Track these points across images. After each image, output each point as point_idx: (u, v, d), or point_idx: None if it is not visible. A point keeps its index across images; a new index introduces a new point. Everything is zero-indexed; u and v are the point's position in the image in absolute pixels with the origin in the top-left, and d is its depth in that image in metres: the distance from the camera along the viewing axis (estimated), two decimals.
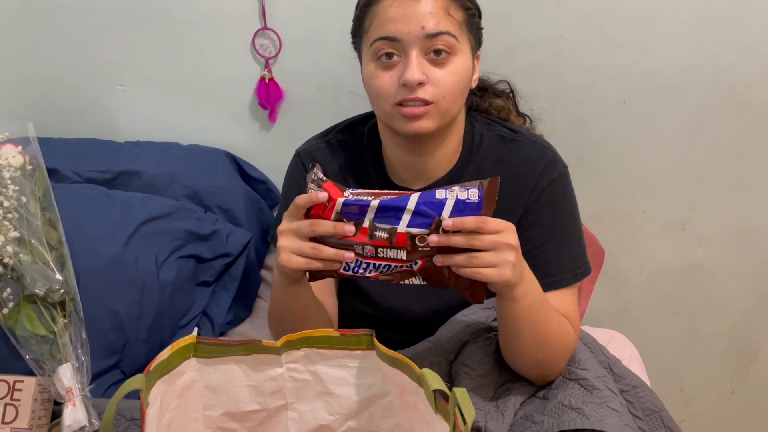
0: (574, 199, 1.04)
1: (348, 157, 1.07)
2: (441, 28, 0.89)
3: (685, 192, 1.45)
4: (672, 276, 1.54)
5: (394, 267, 0.84)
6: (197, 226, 1.30)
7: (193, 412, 0.74)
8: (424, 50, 0.90)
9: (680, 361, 1.63)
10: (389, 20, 0.90)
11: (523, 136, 1.04)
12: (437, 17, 0.89)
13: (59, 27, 1.44)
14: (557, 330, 0.95)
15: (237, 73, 1.43)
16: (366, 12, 0.94)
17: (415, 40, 0.90)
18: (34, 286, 0.99)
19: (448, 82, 0.91)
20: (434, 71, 0.91)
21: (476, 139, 1.04)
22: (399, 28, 0.90)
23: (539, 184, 1.00)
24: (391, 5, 0.90)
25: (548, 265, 0.99)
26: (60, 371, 0.96)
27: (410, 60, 0.90)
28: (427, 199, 0.81)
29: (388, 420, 0.79)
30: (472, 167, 1.03)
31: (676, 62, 1.33)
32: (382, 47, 0.91)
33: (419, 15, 0.89)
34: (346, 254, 0.82)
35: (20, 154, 1.09)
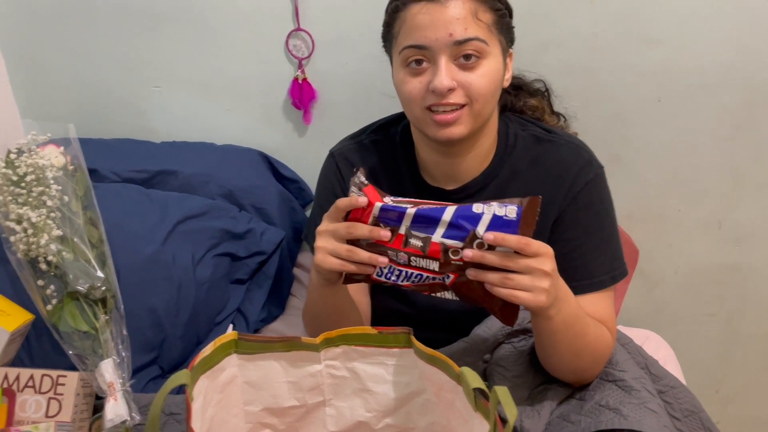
0: (611, 200, 1.03)
1: (381, 158, 1.07)
2: (469, 34, 0.89)
3: (722, 190, 1.43)
4: (708, 276, 1.52)
5: (426, 278, 0.83)
6: (232, 225, 1.31)
7: (234, 407, 0.75)
8: (452, 56, 0.90)
9: (716, 363, 1.61)
10: (417, 27, 0.90)
11: (558, 136, 1.03)
12: (465, 23, 0.89)
13: (97, 31, 1.47)
14: (594, 339, 0.94)
15: (270, 74, 1.44)
16: (395, 18, 0.94)
17: (443, 47, 0.89)
18: (77, 283, 1.01)
19: (480, 85, 0.91)
20: (464, 75, 0.91)
21: (510, 140, 1.03)
22: (427, 35, 0.89)
23: (575, 186, 0.99)
24: (419, 12, 0.90)
25: (585, 267, 0.99)
26: (102, 366, 0.98)
27: (439, 67, 0.90)
28: (464, 212, 0.80)
29: (425, 417, 0.79)
30: (506, 168, 1.02)
31: (713, 59, 1.31)
32: (411, 54, 0.91)
33: (447, 21, 0.88)
34: (380, 259, 0.83)
35: (62, 154, 1.12)
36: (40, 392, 0.97)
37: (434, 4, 0.89)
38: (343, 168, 1.08)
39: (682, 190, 1.44)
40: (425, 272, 0.82)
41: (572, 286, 0.97)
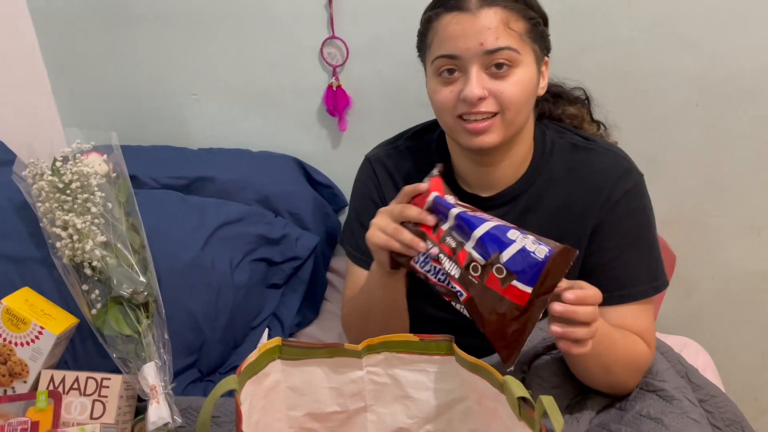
0: (651, 209, 1.01)
1: (417, 164, 1.07)
2: (500, 43, 0.88)
3: (762, 196, 1.40)
4: (747, 283, 1.49)
5: (447, 281, 0.84)
6: (268, 231, 1.33)
7: (277, 412, 0.76)
8: (484, 65, 0.90)
9: (755, 370, 1.58)
10: (449, 38, 0.90)
11: (597, 144, 1.01)
12: (496, 32, 0.88)
13: (136, 40, 1.50)
14: (625, 354, 0.94)
15: (305, 82, 1.46)
16: (428, 28, 0.95)
17: (474, 56, 0.89)
18: (120, 288, 1.03)
19: (511, 93, 0.90)
20: (495, 84, 0.90)
21: (547, 147, 1.02)
22: (458, 45, 0.89)
23: (614, 195, 0.97)
24: (450, 22, 0.90)
25: (625, 277, 0.98)
26: (145, 369, 0.99)
27: (470, 76, 0.90)
28: (497, 232, 0.80)
29: (466, 425, 0.79)
30: (542, 176, 1.01)
31: (751, 64, 1.29)
32: (443, 64, 0.92)
33: (478, 31, 0.88)
34: (420, 243, 0.86)
35: (105, 162, 1.14)
36: (85, 394, 0.99)
37: (465, 14, 0.89)
38: (380, 173, 1.09)
39: (720, 195, 1.42)
40: (447, 276, 0.84)
41: (611, 296, 0.97)
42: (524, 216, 1.01)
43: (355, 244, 1.10)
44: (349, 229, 1.13)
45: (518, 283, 0.76)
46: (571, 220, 0.99)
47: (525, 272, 0.76)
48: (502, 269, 0.77)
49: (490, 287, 0.79)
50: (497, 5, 0.89)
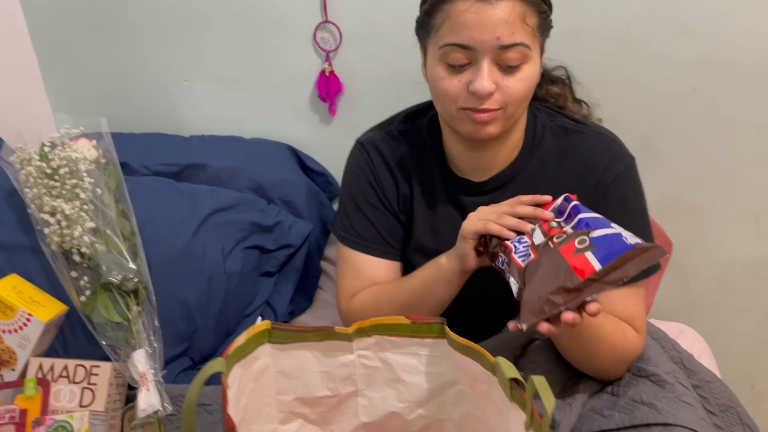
0: (642, 193, 1.00)
1: (410, 149, 1.07)
2: (516, 39, 0.86)
3: (759, 183, 1.39)
4: (744, 270, 1.48)
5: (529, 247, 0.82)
6: (261, 218, 1.32)
7: (267, 397, 0.75)
8: (495, 59, 0.87)
9: (751, 358, 1.57)
10: (463, 26, 0.86)
11: (588, 127, 1.01)
12: (513, 27, 0.85)
13: (127, 26, 1.48)
14: (611, 344, 0.93)
15: (299, 67, 1.44)
16: (437, 9, 0.90)
17: (489, 49, 0.86)
18: (110, 275, 1.02)
19: (518, 89, 0.89)
20: (504, 79, 0.88)
21: (538, 131, 1.01)
22: (473, 36, 0.86)
23: (605, 179, 0.97)
24: (467, 10, 0.86)
25: None
26: (134, 357, 0.98)
27: (482, 69, 0.87)
28: (602, 219, 0.80)
29: (459, 408, 0.78)
30: (534, 160, 1.01)
31: (749, 48, 1.28)
32: (453, 52, 0.88)
33: (495, 23, 0.85)
34: (527, 226, 0.84)
35: (94, 147, 1.13)
36: (74, 382, 0.98)
37: (483, 3, 0.85)
38: (374, 157, 1.07)
39: (717, 182, 1.41)
40: (530, 239, 0.82)
41: None
42: None
43: (351, 228, 1.08)
44: (344, 214, 1.10)
45: (592, 257, 0.74)
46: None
47: (604, 249, 0.74)
48: (586, 240, 0.77)
49: (561, 253, 0.77)
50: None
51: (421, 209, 1.06)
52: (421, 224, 1.06)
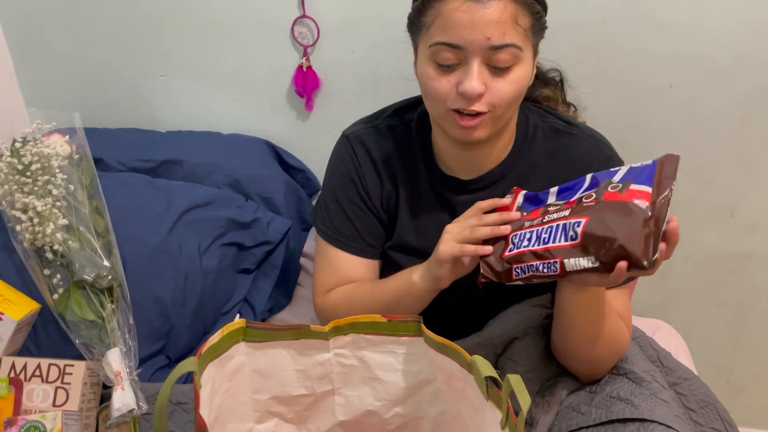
0: None
1: (396, 144, 1.05)
2: (506, 40, 0.84)
3: (734, 178, 1.41)
4: (719, 265, 1.50)
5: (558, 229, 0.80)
6: (238, 215, 1.31)
7: (242, 396, 0.74)
8: (485, 59, 0.85)
9: (727, 352, 1.60)
10: (453, 25, 0.84)
11: (579, 129, 1.00)
12: (504, 27, 0.83)
13: (102, 18, 1.46)
14: (611, 329, 0.93)
15: (276, 62, 1.43)
16: (428, 6, 0.87)
17: (479, 49, 0.84)
18: (83, 272, 1.01)
19: (507, 91, 0.87)
20: (494, 81, 0.86)
21: (530, 131, 1.00)
22: (463, 35, 0.84)
23: None
24: (458, 8, 0.84)
25: None
26: (109, 355, 0.97)
27: (471, 70, 0.85)
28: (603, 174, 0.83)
29: (435, 406, 0.78)
30: (525, 160, 1.00)
31: (725, 44, 1.29)
32: (443, 51, 0.86)
33: (486, 23, 0.83)
34: (502, 228, 0.85)
35: (67, 143, 1.11)
36: (48, 381, 0.97)
37: (475, 2, 0.83)
38: (359, 151, 1.05)
39: (693, 177, 1.42)
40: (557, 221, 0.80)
41: None
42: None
43: (330, 223, 1.07)
44: (324, 207, 1.09)
45: (637, 186, 0.76)
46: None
47: (640, 176, 0.78)
48: (617, 184, 0.78)
49: (610, 200, 0.77)
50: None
51: (405, 206, 1.05)
52: (406, 222, 1.05)
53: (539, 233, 0.82)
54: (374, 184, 1.05)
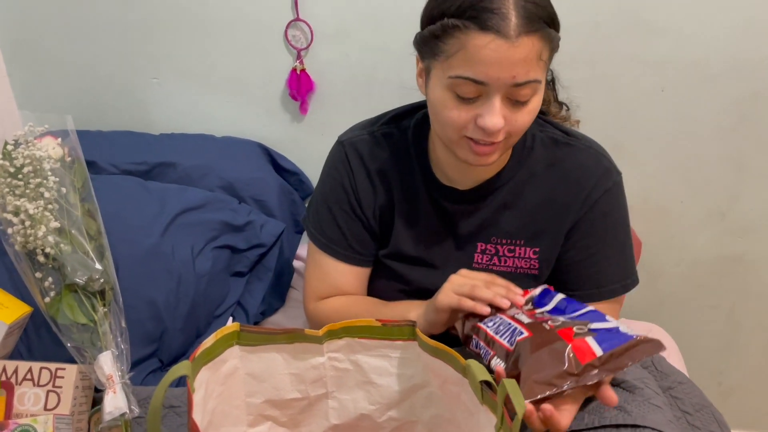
0: (626, 208, 1.01)
1: (393, 153, 1.03)
2: (530, 77, 0.81)
3: (726, 181, 1.42)
4: (711, 267, 1.51)
5: (511, 329, 0.80)
6: (232, 217, 1.30)
7: (235, 399, 0.74)
8: (507, 94, 0.83)
9: (719, 354, 1.60)
10: (480, 61, 0.80)
11: (577, 140, 1.00)
12: (529, 65, 0.81)
13: (96, 22, 1.45)
14: None
15: (270, 65, 1.43)
16: (450, 35, 0.82)
17: (503, 86, 0.82)
18: (75, 276, 1.00)
19: (524, 121, 0.86)
20: (513, 113, 0.85)
21: (528, 141, 1.00)
22: (489, 73, 0.80)
23: (594, 193, 0.97)
24: (485, 46, 0.79)
25: (598, 275, 0.98)
26: (100, 359, 0.97)
27: (493, 106, 0.83)
28: (600, 314, 0.81)
29: (429, 410, 0.78)
30: (523, 170, 0.99)
31: (717, 48, 1.30)
32: (464, 85, 0.83)
33: (514, 62, 0.80)
34: (503, 301, 0.83)
35: (59, 146, 1.11)
36: (39, 385, 0.96)
37: (504, 41, 0.78)
38: (353, 159, 1.04)
39: (685, 181, 1.43)
40: (517, 322, 0.81)
41: (583, 294, 0.98)
42: (503, 210, 1.00)
43: (320, 228, 1.07)
44: (315, 211, 1.08)
45: (593, 342, 0.74)
46: (550, 216, 0.99)
47: (605, 337, 0.74)
48: (584, 328, 0.76)
49: (558, 334, 0.76)
50: (536, 32, 0.80)
51: (401, 215, 1.04)
52: (402, 230, 1.04)
53: (502, 322, 0.82)
54: (366, 193, 1.04)
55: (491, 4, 0.79)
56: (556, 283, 1.02)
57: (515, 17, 0.78)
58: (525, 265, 1.01)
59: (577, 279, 0.99)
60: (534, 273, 1.01)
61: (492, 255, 1.01)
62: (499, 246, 1.01)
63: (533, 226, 0.99)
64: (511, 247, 1.01)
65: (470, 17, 0.80)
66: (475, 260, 1.02)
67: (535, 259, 1.00)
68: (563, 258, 1.00)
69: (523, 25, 0.78)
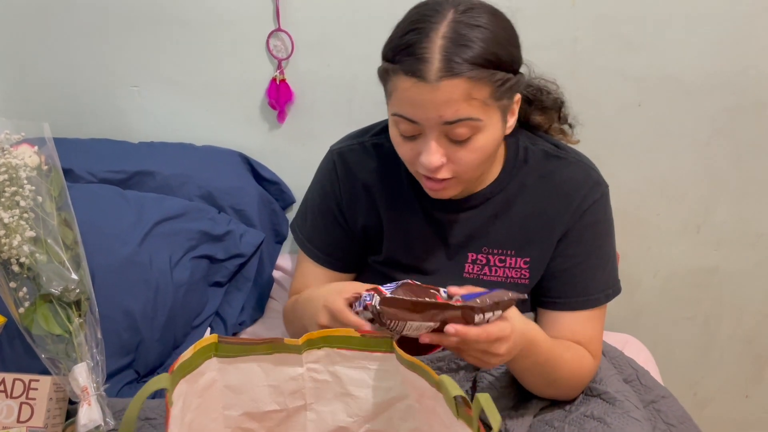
0: (612, 219, 1.04)
1: (382, 163, 1.04)
2: (460, 115, 0.82)
3: (701, 195, 1.44)
4: (687, 279, 1.53)
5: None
6: (211, 227, 1.30)
7: (213, 412, 0.74)
8: (443, 133, 0.85)
9: (694, 365, 1.62)
10: (406, 102, 0.84)
11: (567, 153, 1.02)
12: (456, 105, 0.81)
13: (74, 28, 1.44)
14: (568, 371, 0.95)
15: (250, 75, 1.43)
16: (386, 78, 0.87)
17: (434, 126, 0.84)
18: (50, 286, 0.98)
19: (470, 160, 0.87)
20: (455, 150, 0.86)
21: (520, 153, 1.01)
22: (416, 113, 0.84)
23: (583, 205, 0.99)
24: (409, 89, 0.82)
25: (583, 284, 1.00)
26: (75, 370, 0.95)
27: (428, 145, 0.85)
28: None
29: (407, 423, 0.78)
30: (514, 181, 1.01)
31: (693, 64, 1.32)
32: (401, 123, 0.86)
33: (437, 104, 0.81)
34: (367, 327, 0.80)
35: (36, 154, 1.09)
36: (12, 397, 0.95)
37: (422, 83, 0.81)
38: (340, 168, 1.06)
39: (661, 194, 1.45)
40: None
41: (567, 303, 1.00)
42: (494, 220, 1.01)
43: (305, 231, 1.11)
44: (302, 214, 1.12)
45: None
46: (540, 227, 1.00)
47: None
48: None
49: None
50: (460, 76, 0.80)
51: (392, 224, 1.05)
52: (394, 238, 1.05)
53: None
54: (352, 202, 1.06)
55: (417, 49, 0.81)
56: (540, 291, 1.03)
57: (438, 61, 0.80)
58: (515, 275, 1.02)
59: (560, 287, 1.00)
60: (524, 282, 1.02)
61: (483, 265, 1.03)
62: (490, 256, 1.02)
63: (523, 237, 1.01)
64: (501, 257, 1.02)
65: (398, 61, 0.83)
66: (466, 270, 1.03)
67: (526, 268, 1.02)
68: (550, 266, 1.01)
69: (445, 69, 0.80)
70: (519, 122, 1.03)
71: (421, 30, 0.82)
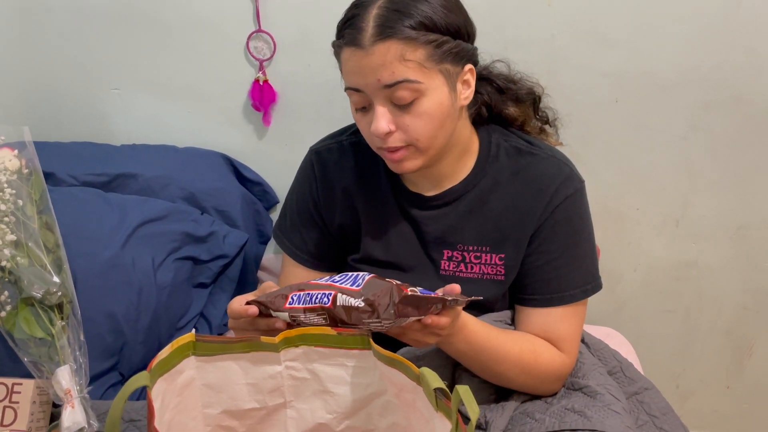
0: (589, 215, 1.03)
1: (359, 161, 1.06)
2: (397, 77, 0.86)
3: (679, 189, 1.46)
4: (666, 273, 1.55)
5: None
6: (194, 228, 1.30)
7: (192, 411, 0.74)
8: (387, 98, 0.88)
9: (675, 358, 1.64)
10: (349, 72, 0.90)
11: (540, 149, 1.02)
12: (391, 67, 0.85)
13: (54, 30, 1.44)
14: (516, 366, 0.96)
15: (232, 76, 1.43)
16: (336, 56, 0.93)
17: (375, 91, 0.88)
18: (32, 289, 0.99)
19: (418, 125, 0.89)
20: (400, 117, 0.89)
21: (492, 149, 1.02)
22: (358, 80, 0.89)
23: (555, 200, 0.99)
24: (349, 58, 0.89)
25: (557, 281, 1.00)
26: (58, 373, 0.96)
27: (375, 111, 0.89)
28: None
29: (386, 419, 0.79)
30: (487, 177, 1.01)
31: (668, 60, 1.34)
32: (352, 96, 0.91)
33: (373, 68, 0.86)
34: (278, 324, 0.79)
35: (16, 157, 1.09)
36: None
37: (358, 50, 0.86)
38: (317, 168, 1.07)
39: (639, 189, 1.47)
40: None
41: (542, 299, 1.00)
42: (468, 217, 1.02)
43: (285, 230, 1.12)
44: (283, 215, 1.13)
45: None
46: (514, 223, 1.01)
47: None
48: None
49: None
50: (392, 38, 0.85)
51: (370, 222, 1.06)
52: (371, 236, 1.06)
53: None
54: (328, 202, 1.07)
55: (354, 21, 0.88)
56: (517, 288, 1.04)
57: (371, 28, 0.86)
58: (491, 271, 1.03)
59: (536, 283, 1.01)
60: (500, 279, 1.03)
61: (459, 262, 1.03)
62: (465, 253, 1.03)
63: (498, 233, 1.01)
64: (477, 254, 1.03)
65: (340, 36, 0.91)
66: (442, 267, 1.04)
67: (501, 265, 1.02)
68: (524, 263, 1.02)
69: (376, 33, 0.86)
70: (492, 116, 1.05)
71: (360, 4, 0.89)
